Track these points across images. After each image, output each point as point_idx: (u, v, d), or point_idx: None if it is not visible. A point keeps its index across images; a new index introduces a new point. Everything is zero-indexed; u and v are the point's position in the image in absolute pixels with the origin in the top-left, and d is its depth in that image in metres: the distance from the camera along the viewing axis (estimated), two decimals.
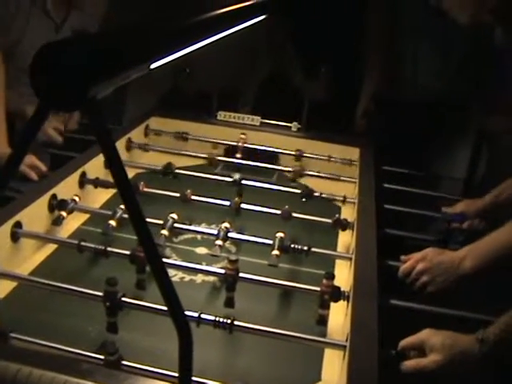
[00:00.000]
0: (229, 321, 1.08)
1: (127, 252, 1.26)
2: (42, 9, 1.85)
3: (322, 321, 1.17)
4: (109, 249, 1.29)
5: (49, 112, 0.69)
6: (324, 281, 1.19)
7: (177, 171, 1.81)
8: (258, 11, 1.55)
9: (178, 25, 0.91)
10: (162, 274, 0.73)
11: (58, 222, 1.44)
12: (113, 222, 1.43)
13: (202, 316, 1.08)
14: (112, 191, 1.66)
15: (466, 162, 2.47)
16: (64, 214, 1.45)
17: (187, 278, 1.38)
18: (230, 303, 1.21)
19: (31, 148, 0.67)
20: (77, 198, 1.51)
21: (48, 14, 1.86)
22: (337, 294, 1.17)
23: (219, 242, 1.38)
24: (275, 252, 1.34)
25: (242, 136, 2.08)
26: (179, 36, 0.90)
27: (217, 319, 1.08)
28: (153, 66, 0.88)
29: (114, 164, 0.69)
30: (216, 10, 1.19)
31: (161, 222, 1.42)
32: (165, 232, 1.40)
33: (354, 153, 2.01)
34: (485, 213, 1.58)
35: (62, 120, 1.92)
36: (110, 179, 1.37)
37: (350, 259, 1.36)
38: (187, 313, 1.06)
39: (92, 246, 1.31)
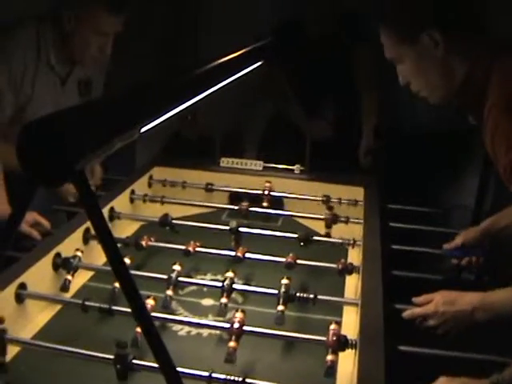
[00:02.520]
0: (240, 379, 1.07)
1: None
2: (47, 64, 1.87)
3: (330, 371, 1.14)
4: (113, 307, 1.29)
5: (36, 187, 0.70)
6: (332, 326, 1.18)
7: (175, 221, 1.78)
8: (253, 58, 1.56)
9: (166, 86, 0.92)
10: (152, 335, 0.73)
11: (65, 288, 1.44)
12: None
13: (213, 375, 1.07)
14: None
15: (474, 192, 2.44)
16: (70, 277, 1.45)
17: (194, 331, 1.36)
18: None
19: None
20: (79, 253, 1.49)
21: (53, 69, 1.89)
22: (343, 344, 1.15)
23: (224, 300, 1.36)
24: (280, 308, 1.32)
25: (267, 184, 2.05)
26: (167, 98, 0.91)
27: (228, 377, 1.07)
28: (143, 129, 0.89)
29: (102, 235, 0.69)
30: (210, 63, 1.20)
31: (165, 276, 1.41)
32: (169, 292, 1.39)
33: (358, 193, 2.00)
34: (481, 241, 1.55)
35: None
36: (115, 234, 1.36)
37: (357, 305, 1.34)
38: (198, 372, 1.06)
39: (96, 304, 1.30)
